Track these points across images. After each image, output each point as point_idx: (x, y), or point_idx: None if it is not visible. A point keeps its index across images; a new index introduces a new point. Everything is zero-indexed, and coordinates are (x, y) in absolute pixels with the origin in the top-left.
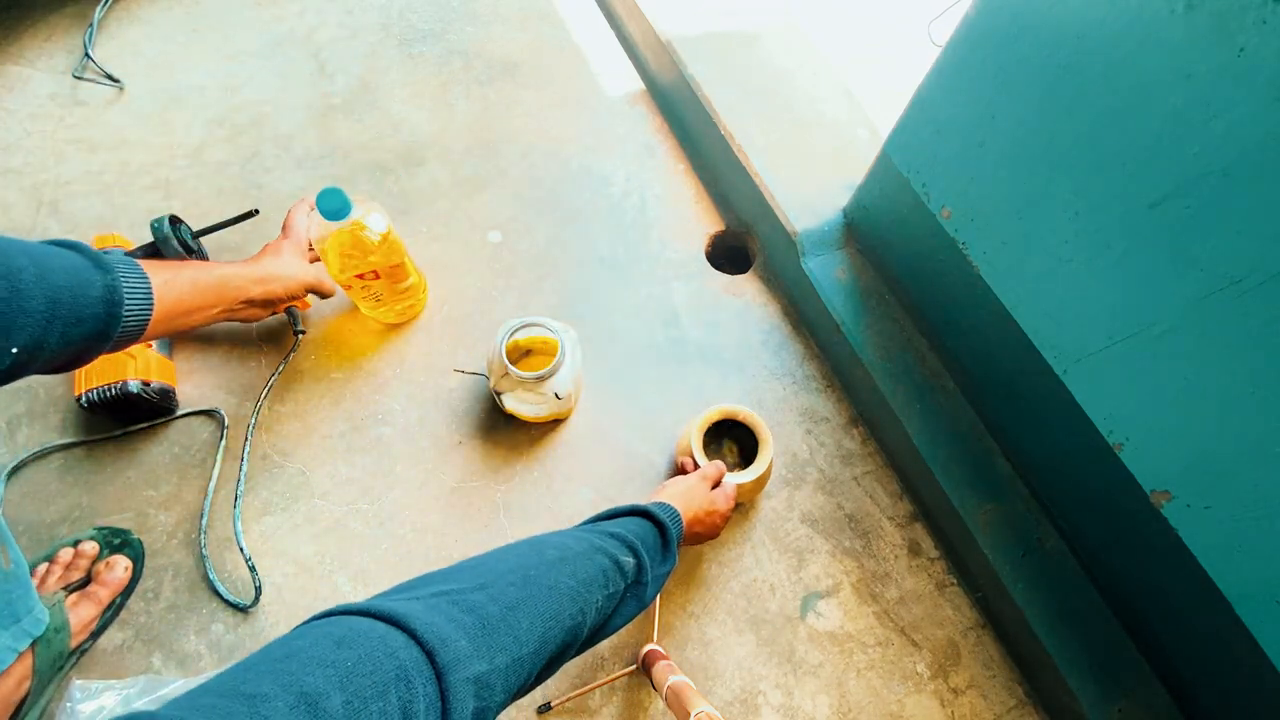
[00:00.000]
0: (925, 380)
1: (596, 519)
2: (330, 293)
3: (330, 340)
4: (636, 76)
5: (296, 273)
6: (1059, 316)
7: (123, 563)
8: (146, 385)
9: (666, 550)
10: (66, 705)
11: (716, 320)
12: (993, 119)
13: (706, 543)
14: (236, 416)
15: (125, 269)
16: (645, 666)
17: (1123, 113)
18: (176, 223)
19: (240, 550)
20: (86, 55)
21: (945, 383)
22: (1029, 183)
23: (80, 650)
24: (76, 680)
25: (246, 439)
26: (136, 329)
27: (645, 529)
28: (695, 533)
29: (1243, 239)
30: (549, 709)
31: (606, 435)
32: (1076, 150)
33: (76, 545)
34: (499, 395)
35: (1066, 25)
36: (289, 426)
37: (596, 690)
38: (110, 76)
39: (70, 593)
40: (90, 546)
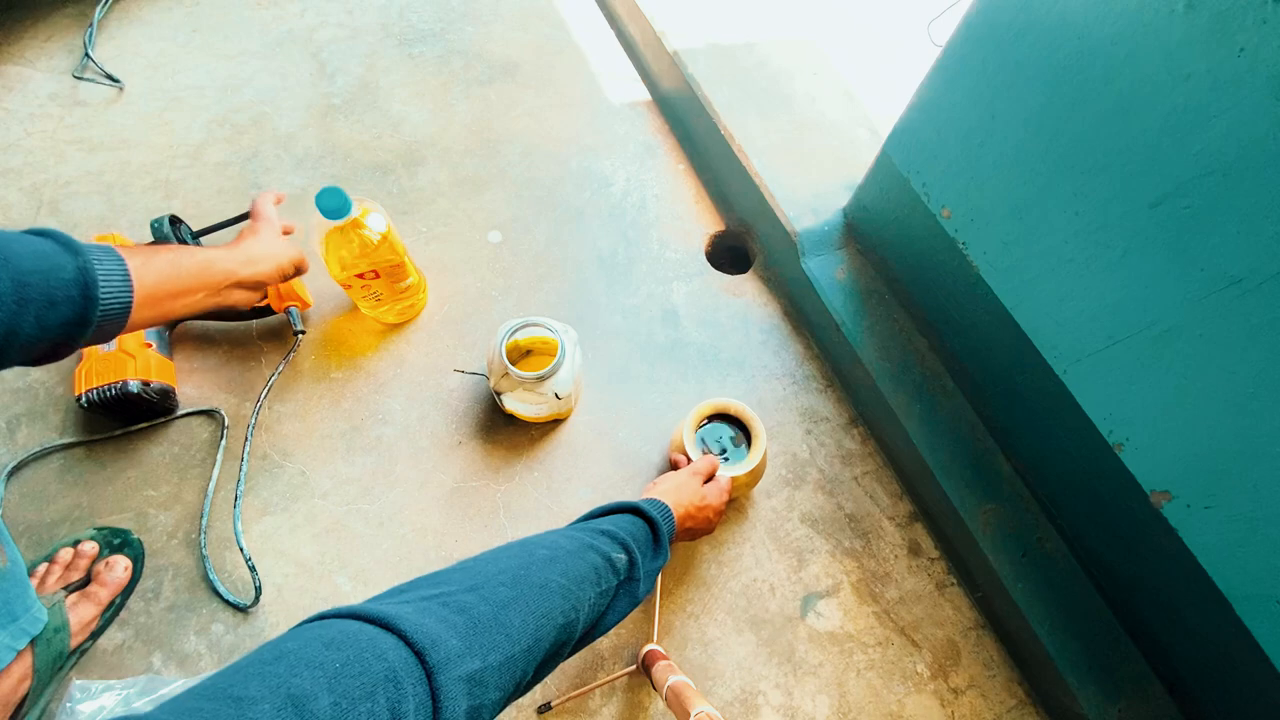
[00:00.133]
0: (925, 380)
1: (588, 517)
2: (307, 268)
3: (330, 340)
4: (636, 76)
5: (282, 250)
6: (1059, 316)
7: (122, 562)
8: (146, 385)
9: (658, 547)
10: (66, 705)
11: (716, 320)
12: (993, 119)
13: (705, 541)
14: (236, 416)
15: (99, 252)
16: (645, 666)
17: (1123, 112)
18: (176, 223)
19: (240, 550)
20: (86, 55)
21: (945, 383)
22: (1029, 183)
23: (80, 650)
24: (76, 680)
25: (246, 439)
26: (118, 312)
27: (637, 526)
28: (688, 528)
29: (1243, 239)
30: (549, 709)
31: (606, 435)
32: (1076, 150)
33: (76, 545)
34: (499, 395)
35: (1066, 25)
36: (289, 426)
37: (596, 690)
38: (110, 76)
39: (70, 593)
40: (90, 546)
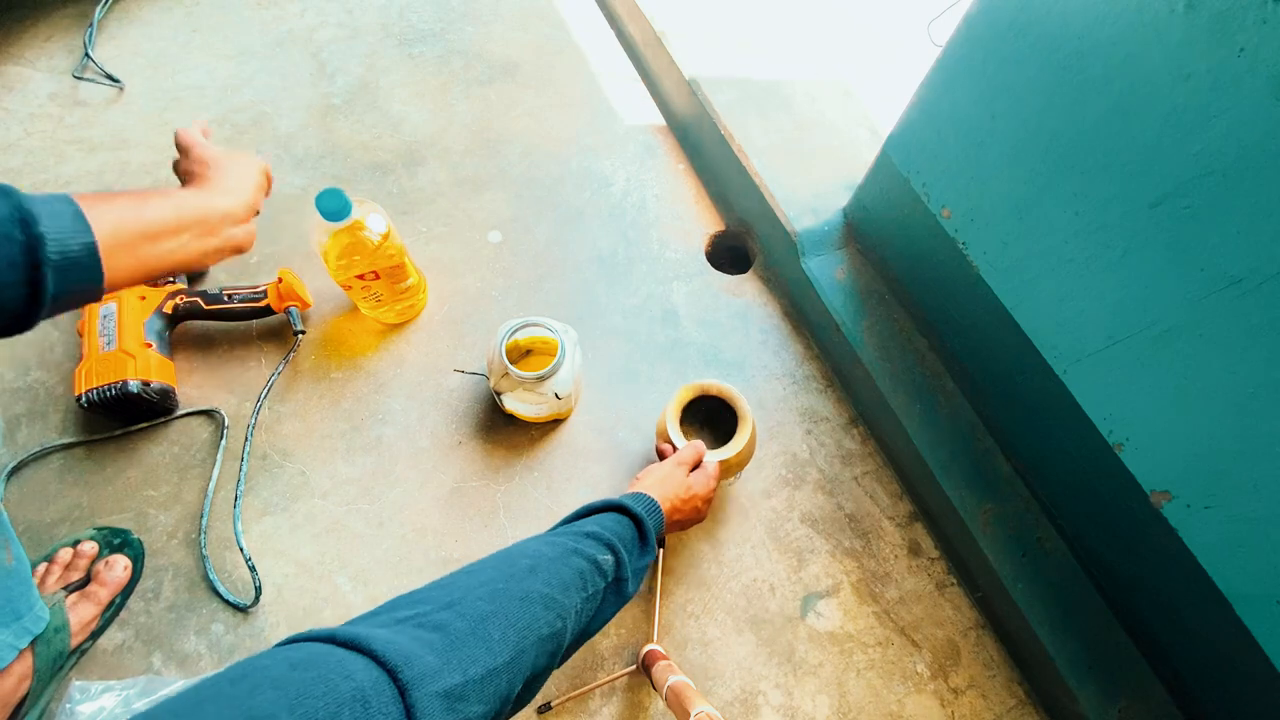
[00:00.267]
0: (925, 380)
1: (571, 518)
2: (271, 176)
3: (330, 340)
4: (636, 76)
5: (246, 168)
6: (1059, 316)
7: (122, 562)
8: (146, 385)
9: (645, 544)
10: (66, 706)
11: (716, 320)
12: (993, 119)
13: (705, 541)
14: (236, 416)
15: (41, 196)
16: (645, 666)
17: (1123, 112)
18: None
19: (240, 550)
20: (86, 55)
21: (945, 383)
22: (1029, 182)
23: (80, 650)
24: (76, 681)
25: (246, 439)
26: (79, 253)
27: (622, 524)
28: (676, 520)
29: (1243, 239)
30: (549, 709)
31: (606, 435)
32: (1076, 150)
33: (76, 545)
34: (499, 395)
35: (1066, 25)
36: (289, 426)
37: (596, 690)
38: (110, 76)
39: (70, 593)
40: (90, 546)
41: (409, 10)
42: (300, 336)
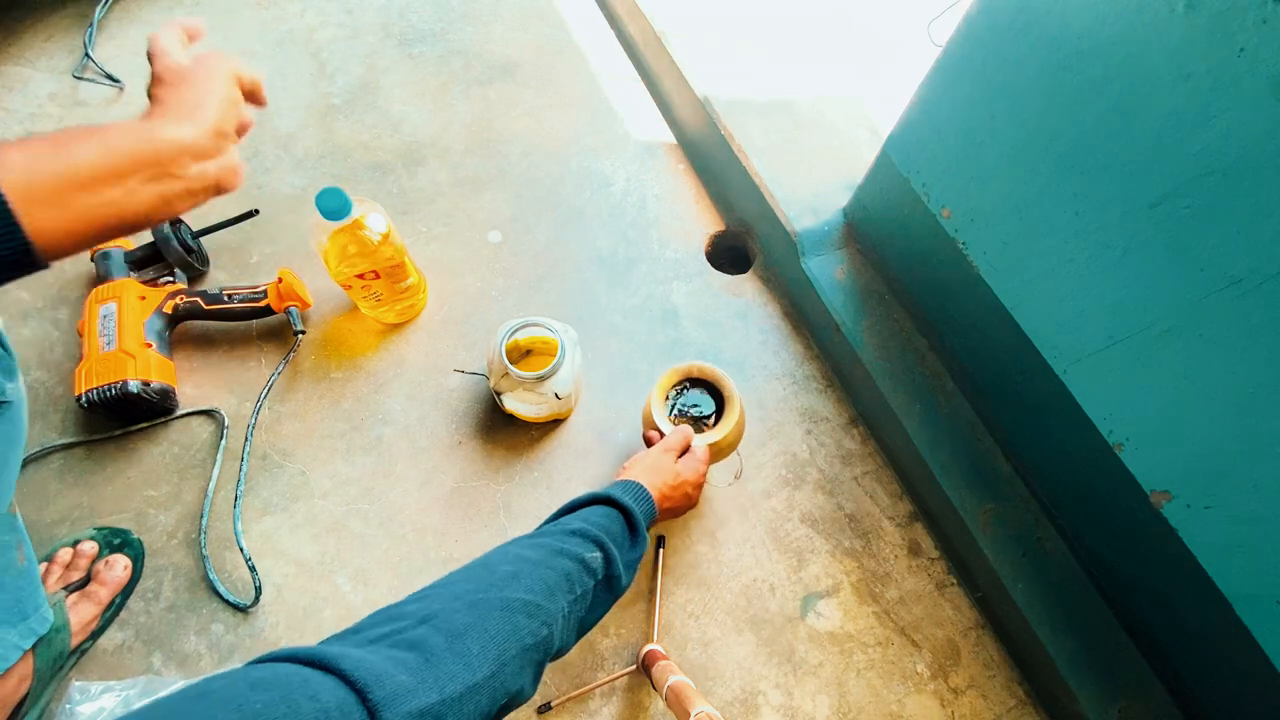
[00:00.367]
0: (925, 380)
1: (557, 515)
2: (261, 83)
3: (330, 340)
4: (636, 76)
5: (214, 73)
6: (1059, 316)
7: (122, 562)
8: (146, 385)
9: (635, 535)
10: (66, 707)
11: (716, 320)
12: (993, 119)
13: (705, 541)
14: (236, 416)
15: None
16: (645, 666)
17: (1123, 112)
18: (177, 223)
19: (240, 550)
20: (86, 55)
21: (945, 383)
22: (1029, 182)
23: (80, 650)
24: (76, 682)
25: (246, 439)
26: None
27: (609, 518)
28: (667, 508)
29: (1243, 239)
30: (549, 709)
31: (606, 435)
32: (1076, 150)
33: (76, 545)
34: (499, 395)
35: (1066, 25)
36: (289, 426)
37: (596, 690)
38: (110, 76)
39: (70, 592)
40: (90, 546)
41: (409, 10)
42: (300, 336)
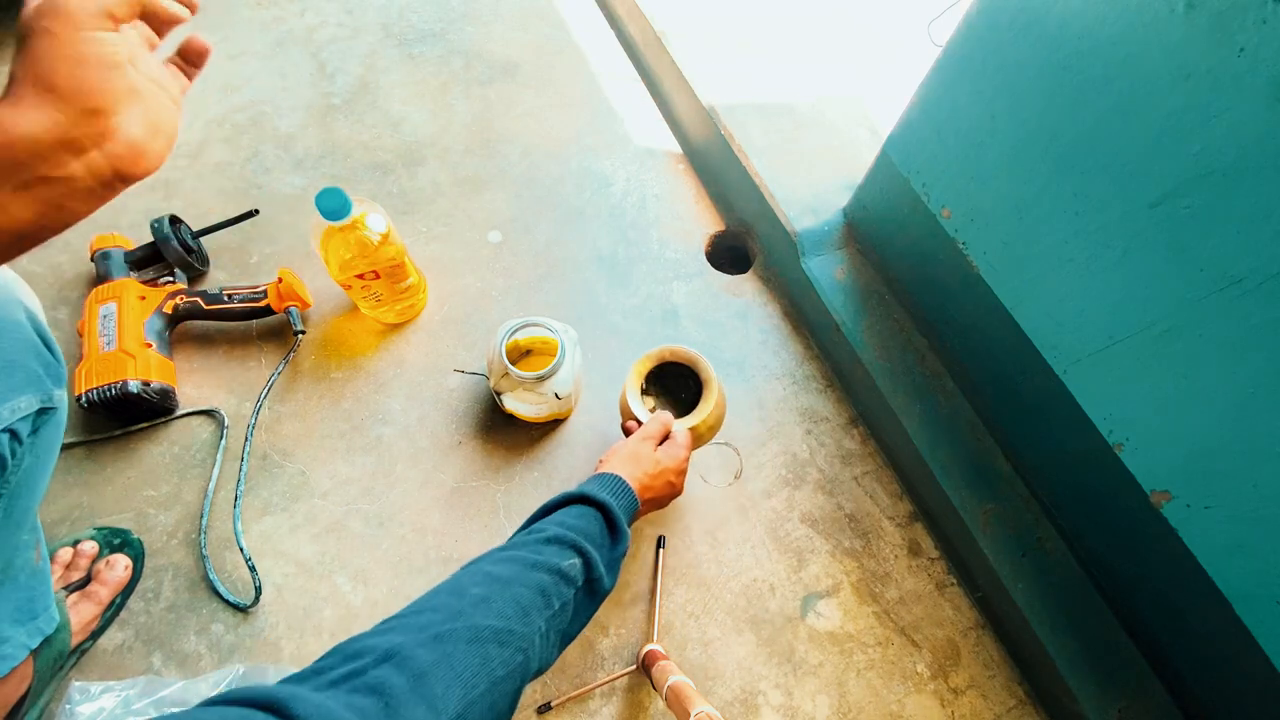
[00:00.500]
0: (925, 380)
1: (531, 520)
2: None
3: (330, 340)
4: (636, 76)
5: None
6: (1059, 316)
7: (122, 561)
8: (146, 385)
9: (615, 533)
10: (66, 707)
11: (716, 320)
12: (993, 119)
13: (705, 541)
14: (236, 416)
15: None
16: (645, 666)
17: (1123, 112)
18: (177, 223)
19: (240, 550)
20: None
21: (945, 383)
22: (1029, 182)
23: (80, 650)
24: (76, 682)
25: (246, 439)
26: None
27: (586, 518)
28: (650, 499)
29: (1243, 239)
30: (549, 709)
31: (606, 435)
32: (1077, 150)
33: (76, 545)
34: (499, 395)
35: (1066, 25)
36: (289, 426)
37: (596, 690)
38: None
39: (70, 592)
40: (90, 546)
41: (409, 10)
42: (300, 336)
